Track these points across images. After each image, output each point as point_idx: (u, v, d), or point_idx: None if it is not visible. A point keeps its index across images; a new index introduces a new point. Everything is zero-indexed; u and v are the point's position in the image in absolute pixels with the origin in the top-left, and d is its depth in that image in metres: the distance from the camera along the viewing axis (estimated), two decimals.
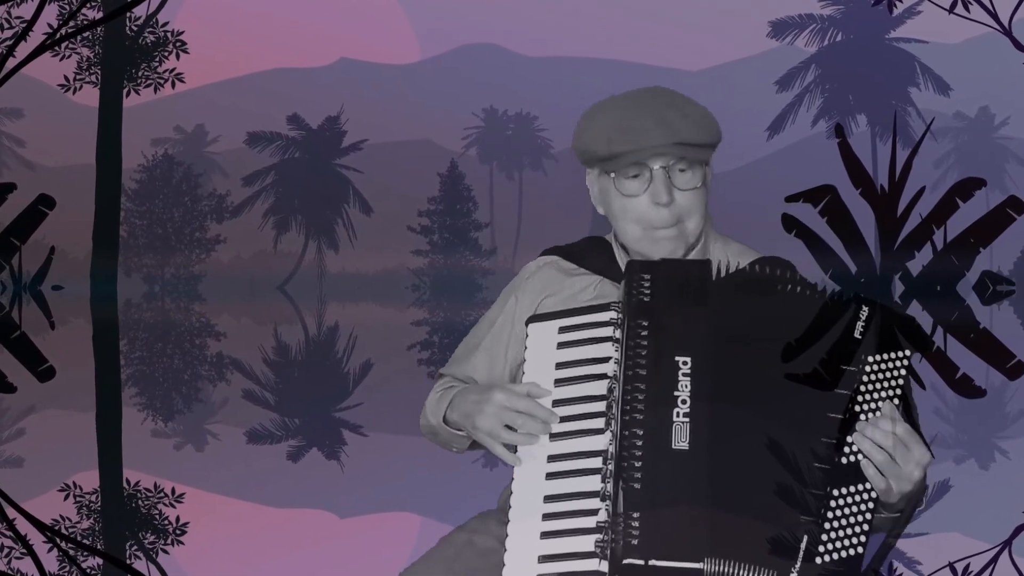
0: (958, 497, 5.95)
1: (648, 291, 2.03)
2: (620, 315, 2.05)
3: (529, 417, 2.07)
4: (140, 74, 38.82)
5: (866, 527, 1.96)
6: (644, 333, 1.99)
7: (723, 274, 2.04)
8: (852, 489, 1.96)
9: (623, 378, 1.98)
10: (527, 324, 2.17)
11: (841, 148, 26.82)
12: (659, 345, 1.98)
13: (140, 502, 5.71)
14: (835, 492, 1.94)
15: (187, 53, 39.41)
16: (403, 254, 64.80)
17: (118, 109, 38.28)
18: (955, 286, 27.76)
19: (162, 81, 39.02)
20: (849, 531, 1.93)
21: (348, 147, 63.87)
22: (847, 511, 1.94)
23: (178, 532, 5.10)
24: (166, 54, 39.05)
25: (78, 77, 38.95)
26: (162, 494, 5.86)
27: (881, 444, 1.95)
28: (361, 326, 26.46)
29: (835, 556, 1.93)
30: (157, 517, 5.37)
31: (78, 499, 5.75)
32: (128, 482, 6.29)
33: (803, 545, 1.91)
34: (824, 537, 1.92)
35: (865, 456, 1.95)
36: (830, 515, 1.93)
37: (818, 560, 1.92)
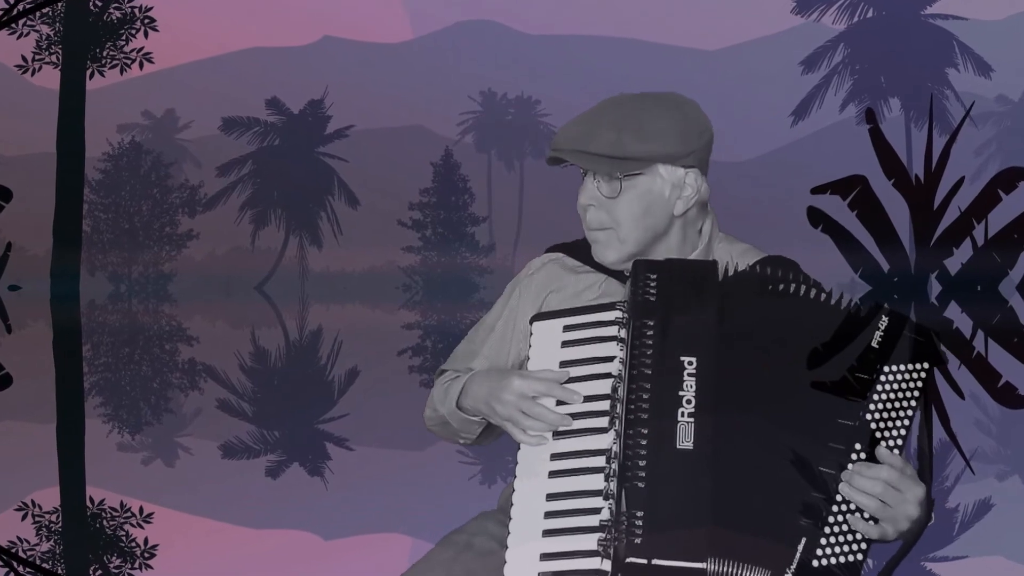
0: (1000, 517, 5.95)
1: (654, 290, 2.18)
2: (625, 314, 2.20)
3: (545, 405, 2.23)
4: (105, 54, 38.83)
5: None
6: (649, 333, 2.15)
7: (730, 274, 2.20)
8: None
9: (628, 377, 2.13)
10: (531, 322, 2.32)
11: (872, 135, 26.83)
12: (664, 345, 2.13)
13: (105, 522, 5.71)
14: (839, 498, 2.08)
15: (156, 31, 39.43)
16: (393, 251, 64.82)
17: (81, 92, 38.28)
18: (997, 286, 27.75)
19: (129, 61, 39.03)
20: (850, 537, 2.08)
21: (333, 134, 63.88)
22: (848, 518, 2.08)
23: (146, 555, 5.10)
24: (133, 32, 39.05)
25: (37, 57, 38.95)
26: (129, 514, 5.86)
27: (870, 492, 2.08)
28: (347, 330, 26.47)
29: (833, 561, 2.07)
30: (123, 539, 5.37)
31: (37, 519, 5.75)
32: (92, 500, 6.30)
33: (800, 547, 2.06)
34: (823, 541, 2.07)
35: (856, 507, 2.09)
36: (831, 520, 2.07)
37: (815, 564, 2.06)
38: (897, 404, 2.13)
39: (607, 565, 2.08)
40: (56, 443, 8.76)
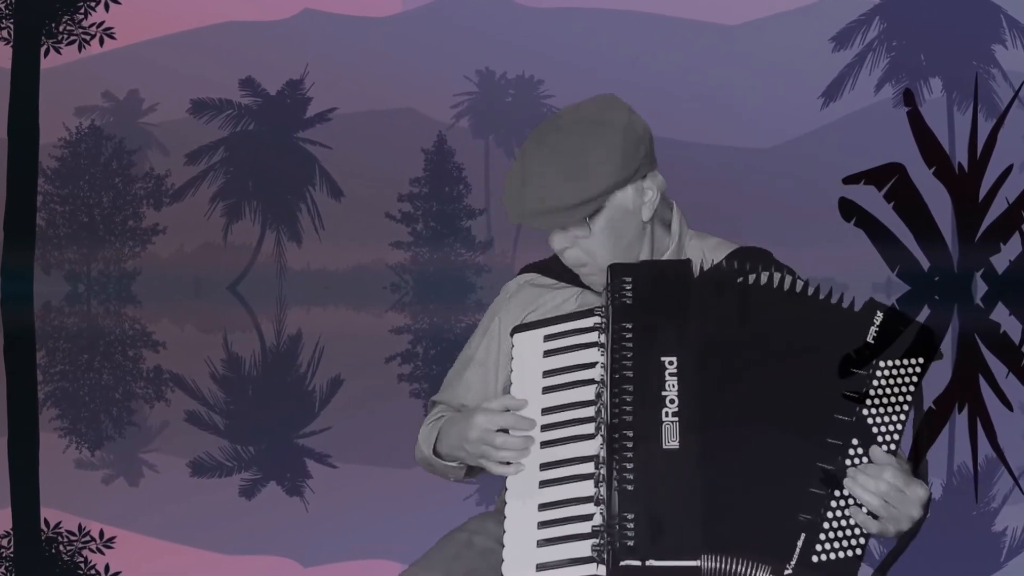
0: None
1: (630, 293, 2.41)
2: (604, 320, 2.44)
3: (510, 435, 2.46)
4: (61, 29, 38.83)
5: (867, 531, 2.32)
6: (628, 336, 2.37)
7: (704, 270, 2.42)
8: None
9: (610, 381, 2.36)
10: (512, 335, 2.57)
11: (911, 118, 26.86)
12: (644, 346, 2.36)
13: (61, 547, 5.72)
14: (836, 494, 2.29)
15: (118, 3, 39.44)
16: (380, 247, 64.86)
17: (34, 71, 38.28)
18: None
19: (88, 37, 39.03)
20: (848, 532, 2.29)
21: (313, 117, 63.92)
22: (847, 512, 2.29)
23: None
24: (93, 4, 39.04)
25: None
26: (88, 538, 5.86)
27: (874, 491, 2.29)
28: (329, 334, 26.49)
29: (832, 556, 2.28)
30: (82, 565, 5.37)
31: None
32: (47, 523, 6.30)
33: (800, 543, 2.27)
34: (822, 536, 2.27)
35: (857, 502, 2.29)
36: (829, 515, 2.28)
37: (815, 559, 2.27)
38: (893, 400, 2.32)
39: (603, 570, 2.28)
40: (7, 459, 8.77)
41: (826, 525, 2.27)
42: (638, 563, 2.23)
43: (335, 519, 6.63)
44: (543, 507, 2.38)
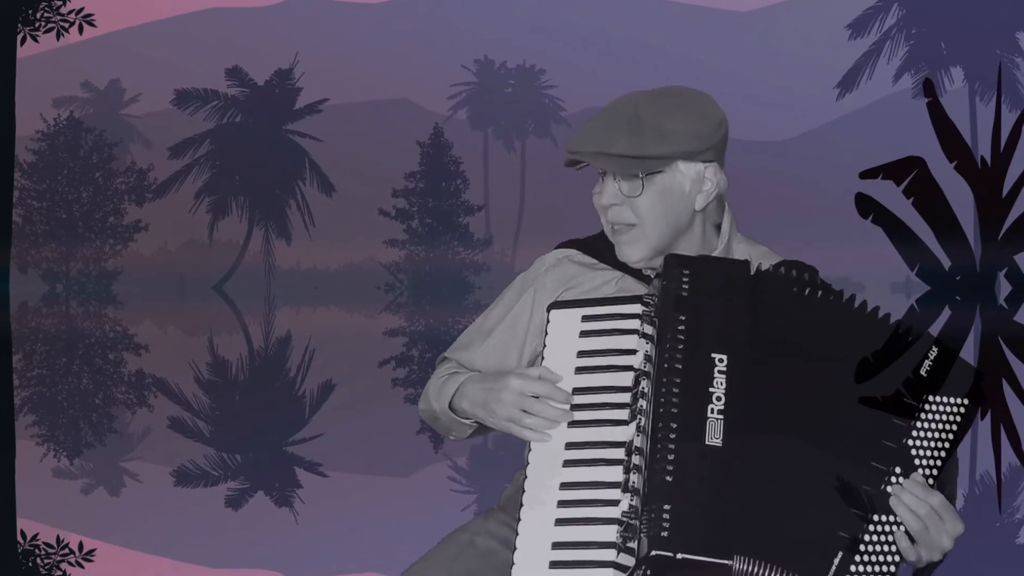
0: None
1: (687, 285, 2.48)
2: (649, 309, 2.52)
3: (546, 403, 2.55)
4: (39, 16, 38.83)
5: (899, 558, 2.41)
6: (680, 328, 2.45)
7: (762, 272, 2.52)
8: (892, 518, 2.42)
9: (657, 370, 2.43)
10: (548, 310, 2.65)
11: (931, 110, 26.85)
12: (695, 340, 2.43)
13: (39, 560, 5.72)
14: (875, 518, 2.38)
15: None
16: (374, 245, 64.85)
17: (10, 60, 38.28)
18: None
19: (67, 24, 39.03)
20: (882, 558, 2.37)
21: (303, 109, 63.91)
22: (885, 538, 2.38)
23: None
24: None
25: None
26: (67, 551, 5.87)
27: (916, 511, 2.40)
28: (320, 336, 26.50)
29: None
30: None
31: None
32: (23, 535, 6.30)
33: (836, 560, 2.34)
34: (857, 558, 2.35)
35: (897, 522, 2.40)
36: (867, 538, 2.37)
37: None
38: (936, 435, 2.44)
39: (622, 558, 2.36)
40: None
41: (862, 547, 2.36)
42: (670, 555, 2.29)
43: (326, 530, 6.63)
44: (565, 486, 2.44)
